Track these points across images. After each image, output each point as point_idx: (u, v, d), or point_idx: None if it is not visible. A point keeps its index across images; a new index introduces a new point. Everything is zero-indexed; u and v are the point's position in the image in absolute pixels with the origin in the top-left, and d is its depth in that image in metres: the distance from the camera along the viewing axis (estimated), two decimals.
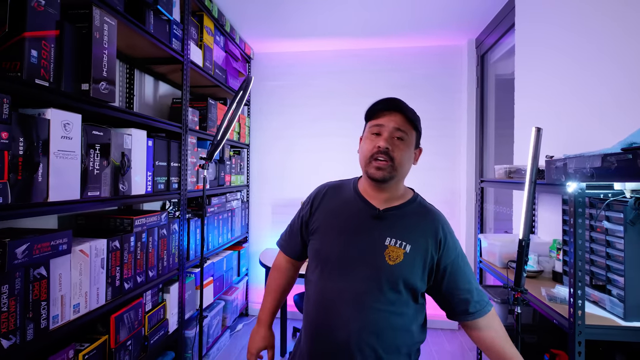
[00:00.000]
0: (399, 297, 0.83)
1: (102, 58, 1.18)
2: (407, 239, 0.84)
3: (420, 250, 0.83)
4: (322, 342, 0.85)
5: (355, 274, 0.83)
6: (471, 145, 2.70)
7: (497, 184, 1.61)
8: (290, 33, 2.68)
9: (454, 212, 2.82)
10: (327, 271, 0.87)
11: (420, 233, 0.85)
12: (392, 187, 0.89)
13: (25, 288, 0.95)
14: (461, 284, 0.85)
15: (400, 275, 0.82)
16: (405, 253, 0.83)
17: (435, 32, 2.61)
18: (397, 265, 0.82)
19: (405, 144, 0.86)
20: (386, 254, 0.82)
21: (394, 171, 0.84)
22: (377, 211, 0.87)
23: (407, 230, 0.85)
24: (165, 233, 1.63)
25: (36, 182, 0.97)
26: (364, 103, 3.17)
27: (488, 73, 2.58)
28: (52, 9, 1.01)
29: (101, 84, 1.18)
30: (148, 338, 1.48)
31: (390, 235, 0.84)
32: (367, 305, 0.81)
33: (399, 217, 0.87)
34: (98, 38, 1.16)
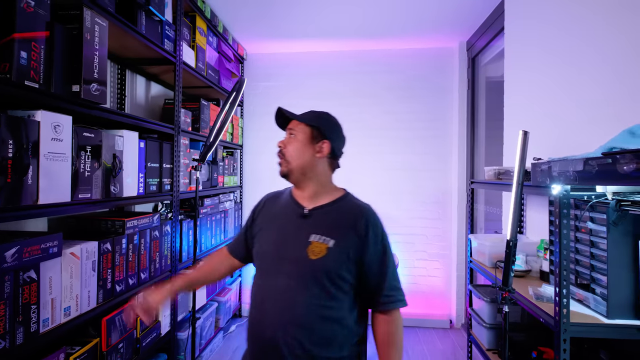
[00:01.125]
0: (325, 290, 0.87)
1: (93, 59, 1.17)
2: (331, 234, 0.89)
3: (343, 243, 0.89)
4: (256, 339, 0.90)
5: (282, 272, 0.89)
6: (462, 146, 2.74)
7: (486, 185, 1.64)
8: (283, 34, 2.69)
9: (446, 213, 2.85)
10: (261, 271, 0.94)
11: (344, 227, 0.90)
12: (306, 183, 0.96)
13: (15, 292, 0.94)
14: (377, 275, 0.90)
15: (322, 269, 0.86)
16: (328, 247, 0.88)
17: (427, 34, 2.65)
18: (320, 260, 0.87)
19: (295, 138, 0.95)
20: (309, 250, 0.88)
21: (289, 164, 0.94)
22: (303, 210, 0.94)
23: (331, 226, 0.91)
24: (158, 235, 1.62)
25: (26, 185, 0.96)
26: (358, 104, 3.19)
27: (479, 75, 2.63)
28: (42, 9, 1.00)
29: (92, 85, 1.17)
30: (140, 340, 1.47)
31: (314, 232, 0.90)
32: (293, 300, 0.86)
33: (325, 214, 0.93)
34: (89, 39, 1.15)
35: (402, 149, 2.90)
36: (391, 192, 2.90)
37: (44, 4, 1.01)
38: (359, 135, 2.94)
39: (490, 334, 1.52)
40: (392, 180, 2.90)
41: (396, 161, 2.90)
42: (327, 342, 0.86)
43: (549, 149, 1.44)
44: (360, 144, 2.94)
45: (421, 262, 2.88)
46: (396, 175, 2.89)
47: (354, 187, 1.13)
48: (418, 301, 2.87)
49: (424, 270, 2.88)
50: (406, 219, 2.88)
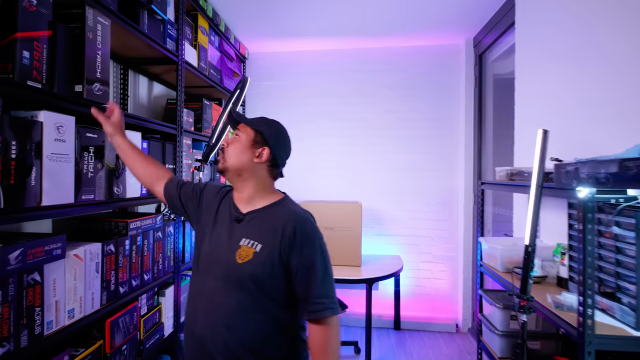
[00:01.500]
0: (251, 294, 0.89)
1: (96, 59, 1.16)
2: (259, 239, 0.91)
3: (270, 249, 0.90)
4: (189, 334, 0.95)
5: (213, 273, 0.93)
6: (469, 146, 2.70)
7: (498, 187, 1.61)
8: (285, 33, 2.67)
9: (452, 214, 2.83)
10: (196, 269, 0.99)
11: (272, 233, 0.91)
12: (242, 184, 0.98)
13: (19, 294, 0.93)
14: (304, 282, 0.90)
15: (246, 273, 0.89)
16: (255, 252, 0.90)
17: (432, 31, 2.62)
18: (245, 264, 0.89)
19: (238, 139, 0.99)
20: (237, 254, 0.91)
21: (225, 162, 0.97)
22: (239, 214, 0.97)
23: (261, 231, 0.93)
24: (161, 236, 1.61)
25: (29, 186, 0.95)
26: (361, 103, 3.16)
27: (486, 72, 2.60)
28: (44, 8, 0.99)
29: (95, 85, 1.16)
30: (144, 342, 1.46)
31: (245, 236, 0.93)
32: (220, 301, 0.90)
33: (258, 218, 0.95)
34: (91, 38, 1.14)
35: (405, 149, 2.88)
36: (394, 193, 2.88)
37: (46, 3, 1.00)
38: (361, 134, 2.92)
39: (503, 341, 1.47)
40: (395, 180, 2.88)
41: (399, 161, 2.88)
42: (255, 343, 0.89)
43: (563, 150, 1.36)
44: (362, 144, 2.92)
45: (426, 264, 2.86)
46: (399, 175, 2.88)
47: (357, 187, 1.13)
48: (423, 304, 2.85)
49: (429, 272, 2.86)
50: (410, 220, 2.87)
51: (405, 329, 2.78)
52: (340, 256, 2.40)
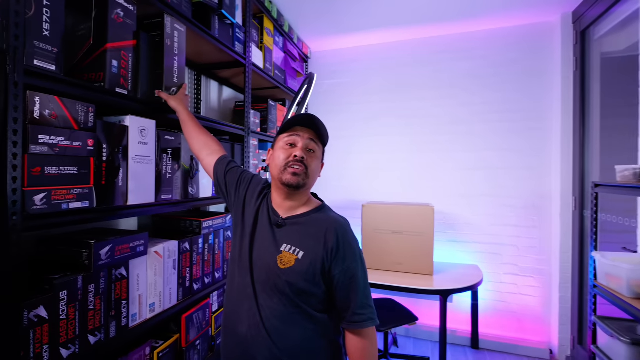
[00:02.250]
0: (291, 300, 0.88)
1: (173, 65, 1.21)
2: (301, 246, 0.89)
3: (312, 257, 0.88)
4: (231, 333, 0.94)
5: (253, 275, 0.92)
6: (567, 141, 2.26)
7: (620, 190, 1.28)
8: (348, 28, 2.59)
9: (543, 221, 2.42)
10: (237, 268, 0.96)
11: (315, 240, 0.90)
12: (299, 195, 0.95)
13: (109, 287, 0.99)
14: (346, 292, 0.89)
15: (287, 280, 0.87)
16: (297, 259, 0.88)
17: (517, 10, 2.28)
18: (287, 270, 0.88)
19: (316, 156, 0.95)
20: (279, 259, 0.89)
21: (307, 178, 0.92)
22: (279, 219, 0.94)
23: (302, 238, 0.91)
24: (230, 235, 1.65)
25: (117, 187, 1.02)
26: (429, 97, 2.91)
27: (591, 52, 2.14)
28: (129, 19, 1.06)
29: (172, 90, 1.21)
30: (215, 338, 1.51)
31: (286, 242, 0.91)
32: (264, 304, 0.89)
33: (299, 224, 0.93)
34: (169, 45, 1.19)
35: (481, 146, 2.56)
36: (469, 195, 2.59)
37: (131, 14, 1.06)
38: (429, 131, 2.69)
39: None
40: (469, 181, 2.58)
41: (473, 159, 2.58)
42: (297, 349, 0.87)
43: None
44: (430, 141, 2.68)
45: (510, 277, 2.49)
46: (474, 175, 2.56)
47: (424, 188, 1.02)
48: (507, 322, 2.48)
49: (514, 287, 2.48)
50: (489, 225, 2.54)
51: (484, 349, 2.48)
52: (410, 263, 2.23)
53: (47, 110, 0.81)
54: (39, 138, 0.79)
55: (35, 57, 0.79)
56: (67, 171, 0.85)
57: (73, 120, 0.87)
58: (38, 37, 0.80)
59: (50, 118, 0.82)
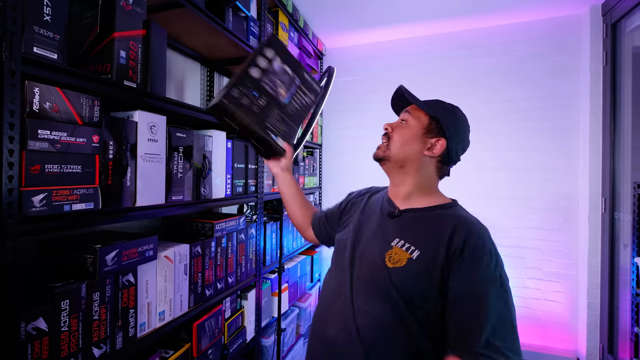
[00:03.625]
0: (395, 309, 0.72)
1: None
2: (418, 244, 0.74)
3: (429, 259, 0.71)
4: (319, 337, 0.83)
5: (354, 271, 0.80)
6: (596, 140, 2.14)
7: None
8: (365, 23, 2.49)
9: (569, 223, 2.28)
10: (335, 265, 0.88)
11: (435, 240, 0.72)
12: (402, 178, 0.84)
13: (115, 295, 0.92)
14: (464, 315, 0.67)
15: (395, 282, 0.72)
16: (410, 259, 0.73)
17: (540, 3, 2.16)
18: (396, 270, 0.73)
19: (406, 125, 0.85)
20: (387, 255, 0.75)
21: (387, 150, 0.84)
22: (395, 210, 0.82)
23: (420, 234, 0.75)
24: (244, 238, 1.57)
25: (125, 187, 0.94)
26: (449, 94, 2.81)
27: (622, 46, 2.03)
28: (139, 7, 0.98)
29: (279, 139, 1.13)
30: (227, 347, 1.43)
31: (399, 236, 0.77)
32: (361, 307, 0.75)
33: (418, 219, 0.79)
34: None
35: (503, 146, 2.43)
36: (490, 197, 2.46)
37: (141, 2, 0.99)
38: None
39: None
40: (491, 181, 2.45)
41: (495, 159, 2.45)
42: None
43: None
44: None
45: (534, 281, 2.37)
46: (496, 176, 2.44)
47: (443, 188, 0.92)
48: (530, 329, 2.36)
49: (539, 292, 2.36)
50: (511, 228, 2.41)
51: None
52: None
53: (48, 103, 0.74)
54: (38, 133, 0.72)
55: (35, 44, 0.72)
56: (69, 170, 0.78)
57: (77, 114, 0.80)
58: (38, 22, 0.73)
59: (52, 111, 0.75)
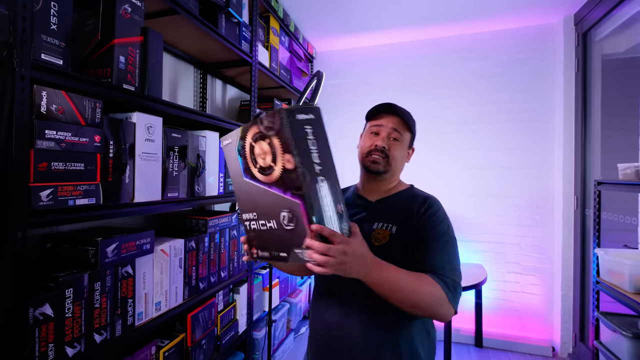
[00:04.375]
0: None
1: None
2: (393, 221, 0.88)
3: (405, 230, 0.86)
4: (319, 321, 0.93)
5: None
6: (569, 141, 2.28)
7: (622, 187, 1.30)
8: (354, 28, 2.58)
9: (546, 219, 2.42)
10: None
11: (406, 214, 0.88)
12: (385, 180, 0.96)
13: (115, 285, 0.98)
14: (425, 245, 0.84)
15: (386, 256, 0.80)
16: (391, 234, 0.86)
17: (519, 12, 2.29)
18: (383, 246, 0.85)
19: (400, 144, 0.94)
20: (372, 237, 0.87)
21: (388, 166, 0.93)
22: (368, 203, 0.95)
23: (394, 213, 0.89)
24: (236, 234, 1.64)
25: (124, 184, 1.00)
26: (434, 97, 2.91)
27: (592, 53, 2.17)
28: (137, 15, 1.05)
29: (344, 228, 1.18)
30: (220, 338, 1.49)
31: (377, 220, 0.90)
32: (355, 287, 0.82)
33: (389, 204, 0.93)
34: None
35: (486, 145, 2.56)
36: (473, 194, 2.58)
37: (138, 10, 1.05)
38: (434, 130, 2.68)
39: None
40: (475, 180, 2.57)
41: (479, 158, 2.57)
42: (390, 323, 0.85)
43: None
44: (436, 140, 2.68)
45: (513, 275, 2.49)
46: (479, 175, 2.56)
47: (429, 187, 1.04)
48: (510, 321, 2.49)
49: (517, 285, 2.48)
50: (494, 225, 2.53)
51: (488, 347, 2.47)
52: None
53: (54, 105, 0.80)
54: (45, 133, 0.78)
55: (42, 51, 0.78)
56: (73, 167, 0.84)
57: (80, 115, 0.86)
58: (46, 31, 0.79)
59: (57, 113, 0.81)
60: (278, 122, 0.65)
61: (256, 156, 0.71)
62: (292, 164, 0.65)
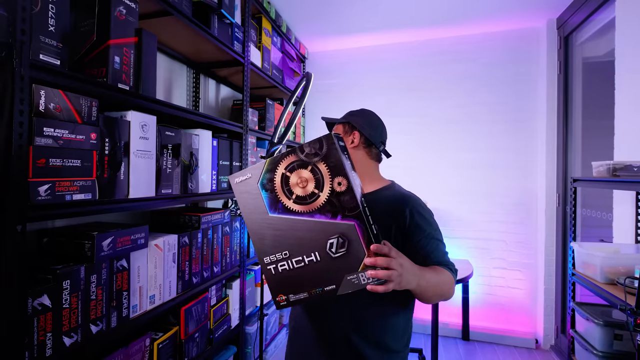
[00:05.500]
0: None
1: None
2: (375, 220, 0.86)
3: (387, 229, 0.88)
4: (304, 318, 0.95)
5: None
6: (552, 140, 2.37)
7: (596, 184, 1.37)
8: (344, 29, 2.63)
9: (530, 216, 2.51)
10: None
11: (388, 215, 0.89)
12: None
13: (110, 278, 1.01)
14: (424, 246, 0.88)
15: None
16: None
17: (505, 15, 2.36)
18: None
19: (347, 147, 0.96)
20: None
21: None
22: None
23: (375, 213, 0.86)
24: (228, 230, 1.67)
25: (119, 180, 1.04)
26: (423, 98, 2.99)
27: (573, 56, 2.26)
28: (131, 17, 1.08)
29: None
30: (213, 332, 1.53)
31: None
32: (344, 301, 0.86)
33: (369, 202, 0.90)
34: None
35: (473, 145, 2.63)
36: (461, 192, 2.65)
37: (133, 12, 1.09)
38: (424, 130, 2.75)
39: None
40: (462, 179, 2.65)
41: (467, 158, 2.65)
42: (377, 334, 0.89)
43: None
44: (425, 140, 2.75)
45: (499, 271, 2.58)
46: (467, 174, 2.64)
47: (419, 187, 1.08)
48: (495, 314, 2.57)
49: (503, 280, 2.57)
50: (480, 222, 2.61)
51: (474, 340, 2.55)
52: None
53: (52, 104, 0.83)
54: (44, 130, 0.81)
55: (41, 52, 0.81)
56: (70, 163, 0.88)
57: (77, 114, 0.89)
58: (44, 32, 0.82)
59: (55, 111, 0.84)
60: (325, 147, 0.68)
61: (292, 186, 0.70)
62: (344, 185, 0.67)
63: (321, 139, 0.69)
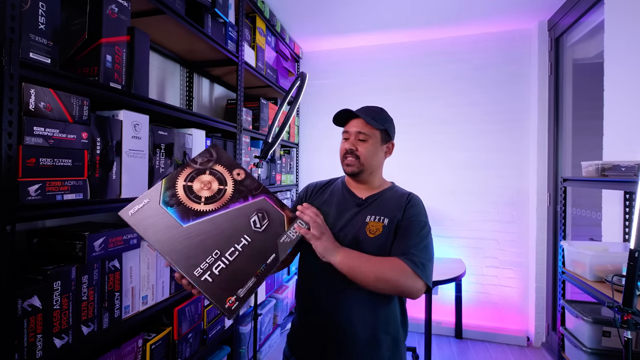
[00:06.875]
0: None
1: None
2: (385, 214, 0.96)
3: (395, 221, 0.95)
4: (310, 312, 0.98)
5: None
6: (543, 140, 2.41)
7: (585, 184, 1.40)
8: (339, 29, 2.64)
9: (522, 215, 2.55)
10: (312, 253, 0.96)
11: (395, 209, 0.97)
12: (368, 179, 1.02)
13: (102, 279, 1.01)
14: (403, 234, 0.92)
15: (380, 246, 0.92)
16: (383, 225, 0.94)
17: (498, 16, 2.39)
18: (377, 237, 0.93)
19: (369, 142, 0.99)
20: (367, 229, 0.94)
21: (361, 165, 0.99)
22: (360, 200, 1.00)
23: (384, 208, 0.98)
24: None
25: (111, 180, 1.03)
26: (417, 98, 3.00)
27: (564, 58, 2.30)
28: (124, 15, 1.07)
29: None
30: (207, 332, 1.53)
31: (370, 214, 0.97)
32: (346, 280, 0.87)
33: (378, 200, 1.00)
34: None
35: (466, 145, 2.66)
36: (455, 192, 2.68)
37: (125, 10, 1.08)
38: (417, 131, 2.77)
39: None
40: (456, 178, 2.67)
41: (460, 158, 2.67)
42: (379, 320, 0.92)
43: None
44: (418, 140, 2.77)
45: (491, 269, 2.61)
46: (460, 173, 2.67)
47: (413, 186, 1.11)
48: (488, 313, 2.60)
49: (495, 279, 2.60)
50: (473, 221, 2.64)
51: (467, 338, 2.57)
52: None
53: (42, 103, 0.82)
54: (34, 130, 0.80)
55: (31, 50, 0.80)
56: (61, 163, 0.87)
57: (68, 113, 0.88)
58: (34, 31, 0.81)
59: (45, 110, 0.83)
60: (215, 153, 0.83)
61: (197, 192, 0.79)
62: (243, 173, 0.82)
63: (209, 149, 0.83)
